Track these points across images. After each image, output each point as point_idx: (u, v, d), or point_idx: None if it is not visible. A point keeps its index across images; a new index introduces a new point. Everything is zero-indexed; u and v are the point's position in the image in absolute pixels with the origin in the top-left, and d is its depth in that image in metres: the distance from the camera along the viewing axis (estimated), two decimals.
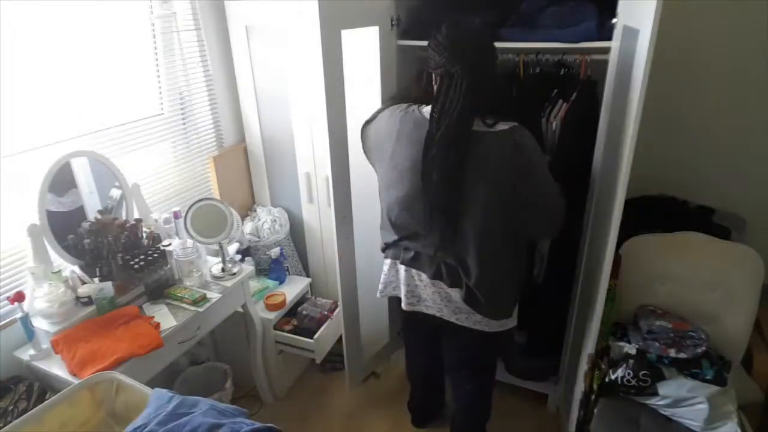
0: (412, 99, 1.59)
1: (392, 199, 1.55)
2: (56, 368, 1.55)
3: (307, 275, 2.63)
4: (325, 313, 2.32)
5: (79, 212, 1.82)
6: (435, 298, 1.63)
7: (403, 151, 1.48)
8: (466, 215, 1.43)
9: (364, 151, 1.70)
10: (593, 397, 1.68)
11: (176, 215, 2.05)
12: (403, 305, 1.72)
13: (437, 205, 1.44)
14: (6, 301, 1.61)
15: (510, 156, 1.37)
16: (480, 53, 1.37)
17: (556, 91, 1.83)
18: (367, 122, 1.67)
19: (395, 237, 1.63)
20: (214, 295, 1.88)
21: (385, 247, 1.71)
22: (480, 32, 1.41)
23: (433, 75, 1.44)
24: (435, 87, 1.43)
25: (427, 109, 1.47)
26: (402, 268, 1.66)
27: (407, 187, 1.49)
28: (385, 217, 1.64)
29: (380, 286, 1.78)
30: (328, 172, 1.86)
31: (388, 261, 1.72)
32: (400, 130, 1.49)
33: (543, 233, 1.67)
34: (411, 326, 1.96)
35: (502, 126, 1.39)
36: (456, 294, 1.57)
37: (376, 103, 1.96)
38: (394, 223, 1.59)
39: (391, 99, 1.79)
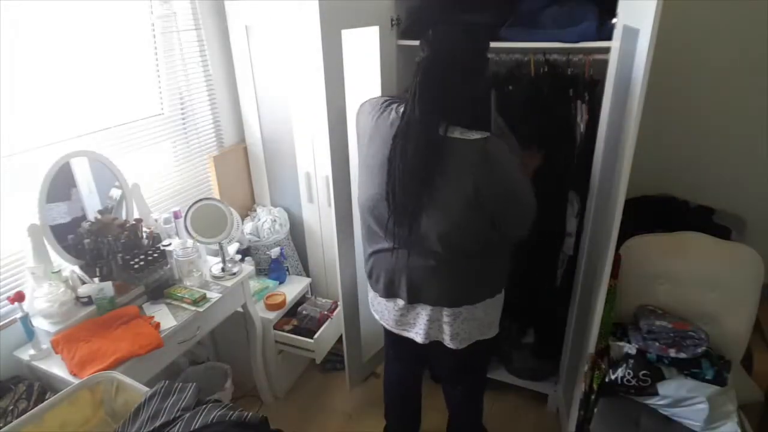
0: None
1: (363, 198, 1.52)
2: (56, 368, 1.55)
3: (307, 275, 2.63)
4: (325, 313, 2.32)
5: (79, 214, 1.81)
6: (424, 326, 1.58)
7: (375, 149, 1.44)
8: (428, 217, 1.39)
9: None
10: (593, 397, 1.68)
11: (176, 215, 2.04)
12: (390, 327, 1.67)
13: (399, 203, 1.40)
14: (6, 301, 1.61)
15: (478, 164, 1.32)
16: (455, 54, 1.31)
17: (571, 91, 1.81)
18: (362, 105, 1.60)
19: (373, 248, 1.59)
20: (214, 295, 1.88)
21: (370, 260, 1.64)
22: (467, 36, 1.34)
23: None
24: None
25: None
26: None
27: (376, 186, 1.45)
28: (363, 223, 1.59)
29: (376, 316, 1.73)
30: (328, 172, 1.86)
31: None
32: (375, 127, 1.46)
33: (517, 233, 1.55)
34: (397, 344, 1.82)
35: (476, 135, 1.33)
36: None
37: None
38: (365, 225, 1.56)
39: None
